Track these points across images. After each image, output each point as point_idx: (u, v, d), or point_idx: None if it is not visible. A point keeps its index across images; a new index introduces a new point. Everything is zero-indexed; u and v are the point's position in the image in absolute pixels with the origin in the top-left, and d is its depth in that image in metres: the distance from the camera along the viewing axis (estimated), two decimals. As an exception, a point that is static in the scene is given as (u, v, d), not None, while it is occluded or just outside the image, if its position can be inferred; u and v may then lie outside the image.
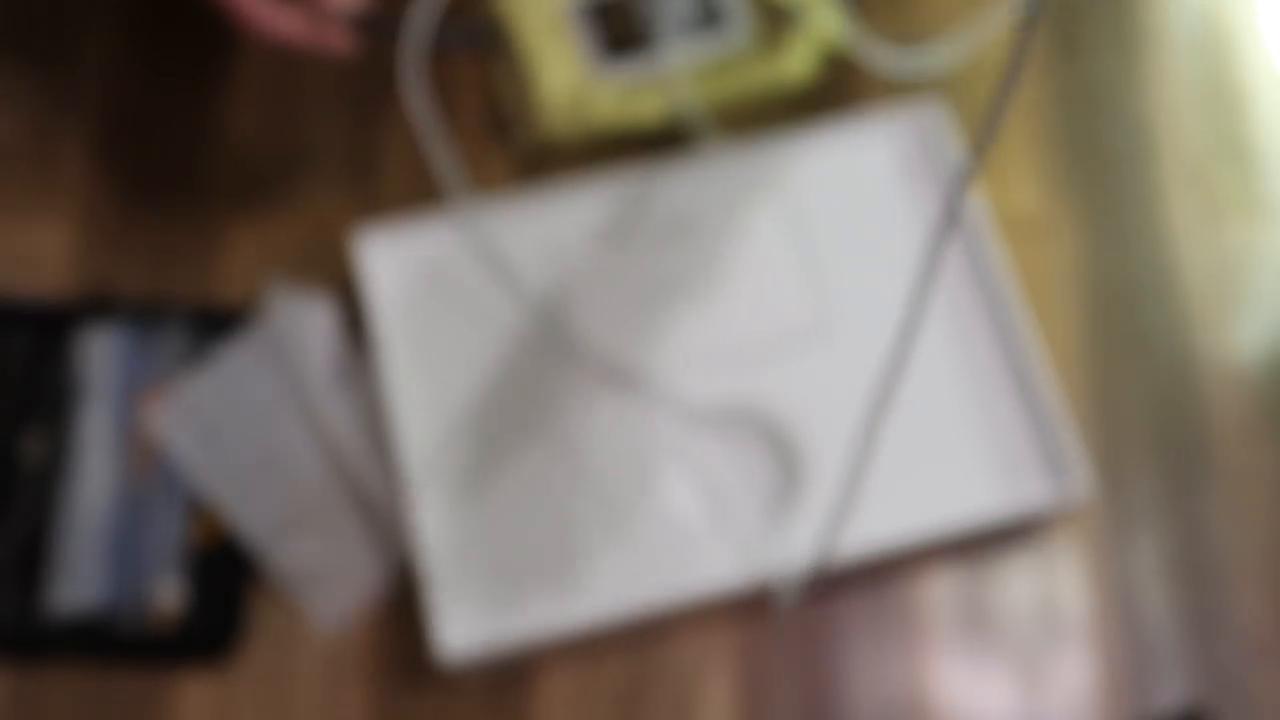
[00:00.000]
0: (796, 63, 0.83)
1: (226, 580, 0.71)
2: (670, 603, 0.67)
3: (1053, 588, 0.73)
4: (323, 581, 0.71)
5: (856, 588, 0.72)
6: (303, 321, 0.74)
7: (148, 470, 0.72)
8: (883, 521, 0.69)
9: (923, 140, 0.79)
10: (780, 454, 0.73)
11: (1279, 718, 0.70)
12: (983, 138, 0.44)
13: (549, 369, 0.73)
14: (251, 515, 0.71)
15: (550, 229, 0.77)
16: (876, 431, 0.58)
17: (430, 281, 0.75)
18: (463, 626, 0.68)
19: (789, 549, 0.69)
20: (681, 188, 0.78)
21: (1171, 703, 0.70)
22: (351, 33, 0.71)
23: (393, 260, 0.76)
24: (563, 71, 0.82)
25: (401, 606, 0.71)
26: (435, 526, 0.70)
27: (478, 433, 0.72)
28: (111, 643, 0.69)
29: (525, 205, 0.77)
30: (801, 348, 0.74)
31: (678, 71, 0.82)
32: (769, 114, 0.84)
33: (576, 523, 0.70)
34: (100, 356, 0.74)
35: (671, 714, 0.70)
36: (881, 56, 0.82)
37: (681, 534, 0.70)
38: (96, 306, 0.77)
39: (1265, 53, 0.87)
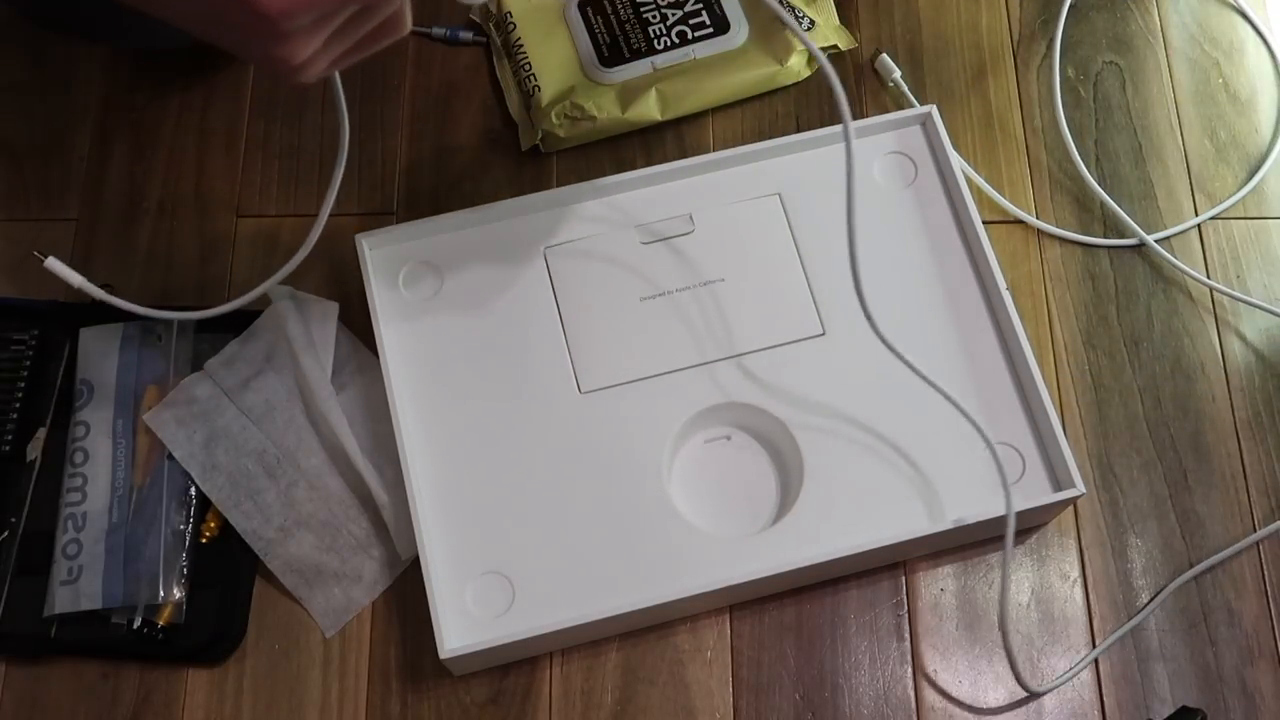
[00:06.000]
0: (796, 62, 0.83)
1: (227, 580, 0.71)
2: (670, 602, 0.67)
3: (1051, 588, 0.73)
4: (323, 581, 0.71)
5: (856, 587, 0.72)
6: (303, 322, 0.74)
7: (149, 470, 0.72)
8: (882, 521, 0.69)
9: (920, 141, 0.79)
10: (778, 454, 0.73)
11: (1278, 718, 0.70)
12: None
13: (550, 371, 0.73)
14: (252, 515, 0.71)
15: (551, 231, 0.77)
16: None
17: (431, 284, 0.75)
18: (464, 627, 0.68)
19: (787, 546, 0.69)
20: (680, 188, 0.78)
21: (1170, 702, 0.70)
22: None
23: (394, 262, 0.76)
24: (563, 72, 0.82)
25: (402, 606, 0.71)
26: (436, 526, 0.70)
27: (479, 432, 0.72)
28: (113, 641, 0.69)
29: (525, 207, 0.77)
30: (799, 348, 0.74)
31: (677, 71, 0.82)
32: (769, 113, 0.84)
33: (577, 523, 0.70)
34: (102, 357, 0.74)
35: (670, 712, 0.70)
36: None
37: (681, 534, 0.70)
38: (99, 307, 0.77)
39: (1265, 53, 0.87)
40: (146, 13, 0.54)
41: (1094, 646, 0.71)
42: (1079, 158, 0.82)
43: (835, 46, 0.84)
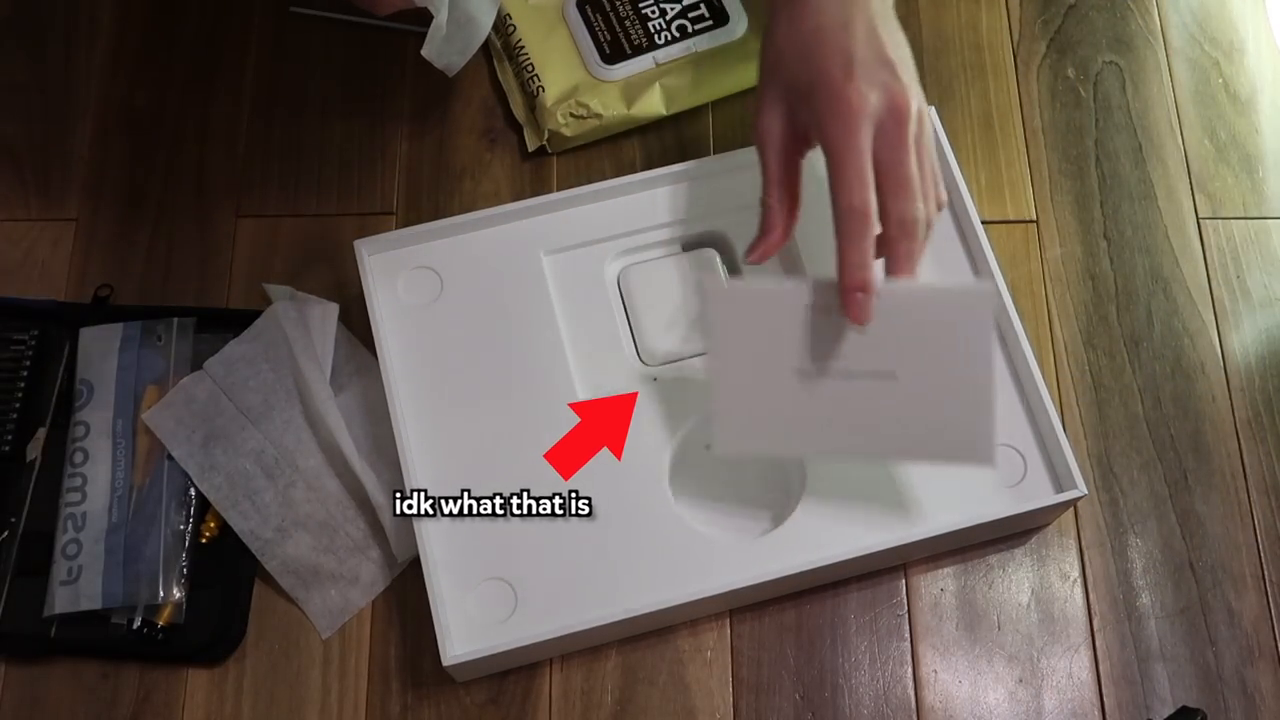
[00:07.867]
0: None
1: (227, 580, 0.71)
2: (670, 605, 0.67)
3: (1051, 588, 0.73)
4: (320, 582, 0.71)
5: (856, 587, 0.72)
6: (303, 322, 0.74)
7: (149, 470, 0.72)
8: (884, 524, 0.69)
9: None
10: (778, 457, 0.73)
11: (1278, 718, 0.70)
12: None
13: (550, 376, 0.73)
14: (249, 515, 0.71)
15: (550, 235, 0.76)
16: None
17: (431, 288, 0.75)
18: (466, 634, 0.68)
19: (788, 550, 0.69)
20: (681, 190, 0.78)
21: (1170, 702, 0.70)
22: None
23: (394, 266, 0.75)
24: (566, 71, 0.82)
25: (402, 607, 0.71)
26: (438, 533, 0.69)
27: (479, 437, 0.72)
28: (113, 641, 0.69)
29: (524, 211, 0.77)
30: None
31: (680, 65, 0.82)
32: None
33: (578, 528, 0.70)
34: (102, 357, 0.74)
35: (670, 713, 0.70)
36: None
37: (682, 539, 0.70)
38: (99, 307, 0.77)
39: (1265, 53, 0.87)
40: None
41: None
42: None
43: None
